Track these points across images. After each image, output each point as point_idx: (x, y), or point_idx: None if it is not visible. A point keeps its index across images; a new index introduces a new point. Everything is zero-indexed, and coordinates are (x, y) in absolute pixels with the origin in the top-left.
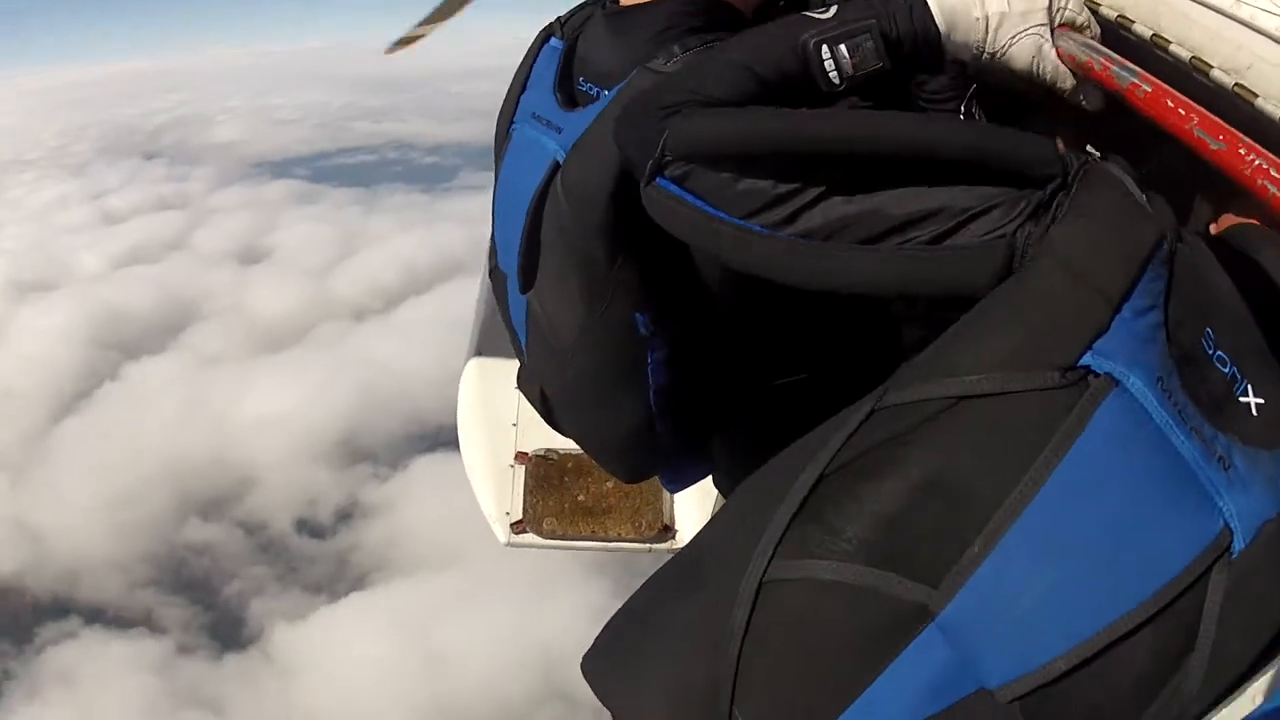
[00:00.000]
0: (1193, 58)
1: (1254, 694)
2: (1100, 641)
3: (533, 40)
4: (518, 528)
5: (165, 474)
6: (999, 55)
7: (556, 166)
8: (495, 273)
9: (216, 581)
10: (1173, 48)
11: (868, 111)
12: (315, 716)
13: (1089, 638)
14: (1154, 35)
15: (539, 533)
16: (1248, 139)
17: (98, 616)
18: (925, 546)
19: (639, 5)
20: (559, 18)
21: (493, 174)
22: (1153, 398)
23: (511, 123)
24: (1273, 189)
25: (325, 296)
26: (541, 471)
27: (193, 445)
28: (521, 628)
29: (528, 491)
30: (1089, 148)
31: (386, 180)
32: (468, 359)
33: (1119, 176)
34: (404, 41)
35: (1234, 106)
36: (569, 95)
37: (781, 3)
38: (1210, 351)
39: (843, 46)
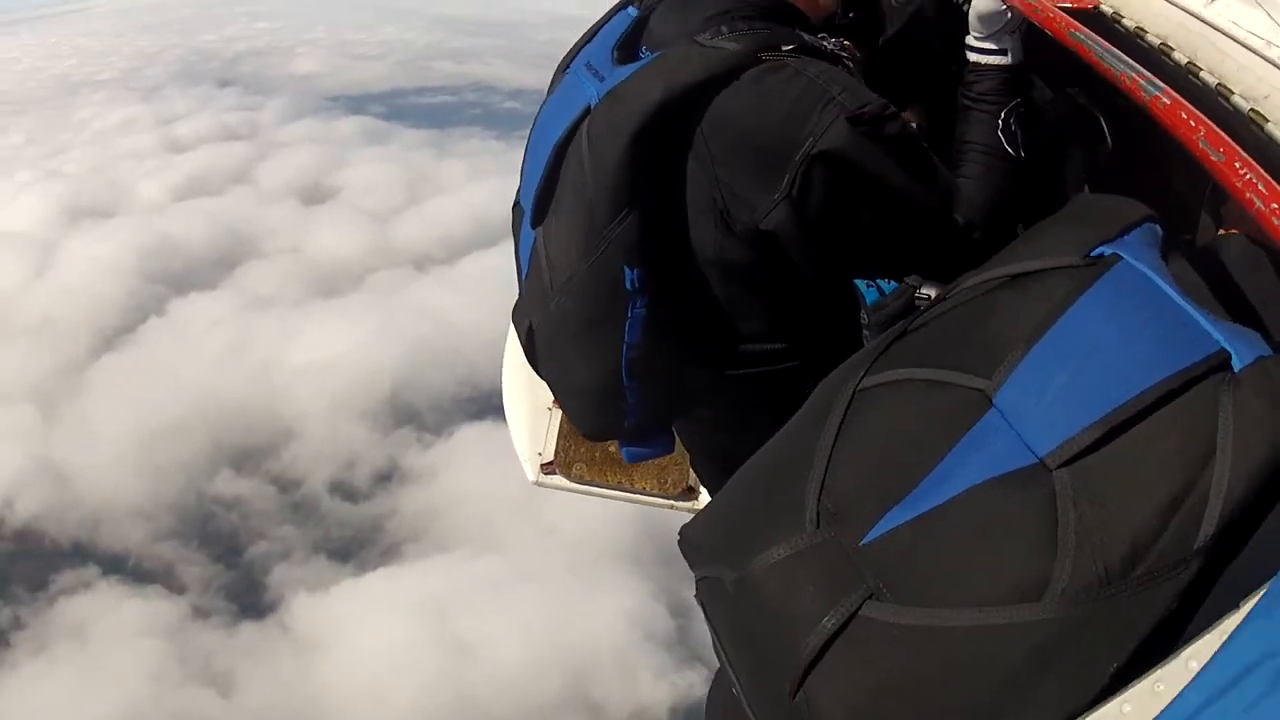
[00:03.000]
0: (1219, 85)
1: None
2: (1122, 414)
3: (613, 6)
4: (548, 468)
5: (202, 419)
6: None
7: (589, 111)
8: (516, 207)
9: (243, 539)
10: (1203, 74)
11: None
12: (326, 701)
13: (1110, 411)
14: (1189, 62)
15: (568, 476)
16: (1244, 154)
17: (117, 567)
18: (981, 352)
19: None
20: None
21: None
22: (1150, 267)
23: (567, 69)
24: (1259, 203)
25: (388, 242)
26: None
27: (233, 390)
28: (555, 626)
29: (561, 435)
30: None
31: (463, 123)
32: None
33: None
34: None
35: (1247, 129)
36: (627, 55)
37: (851, 15)
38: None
39: None
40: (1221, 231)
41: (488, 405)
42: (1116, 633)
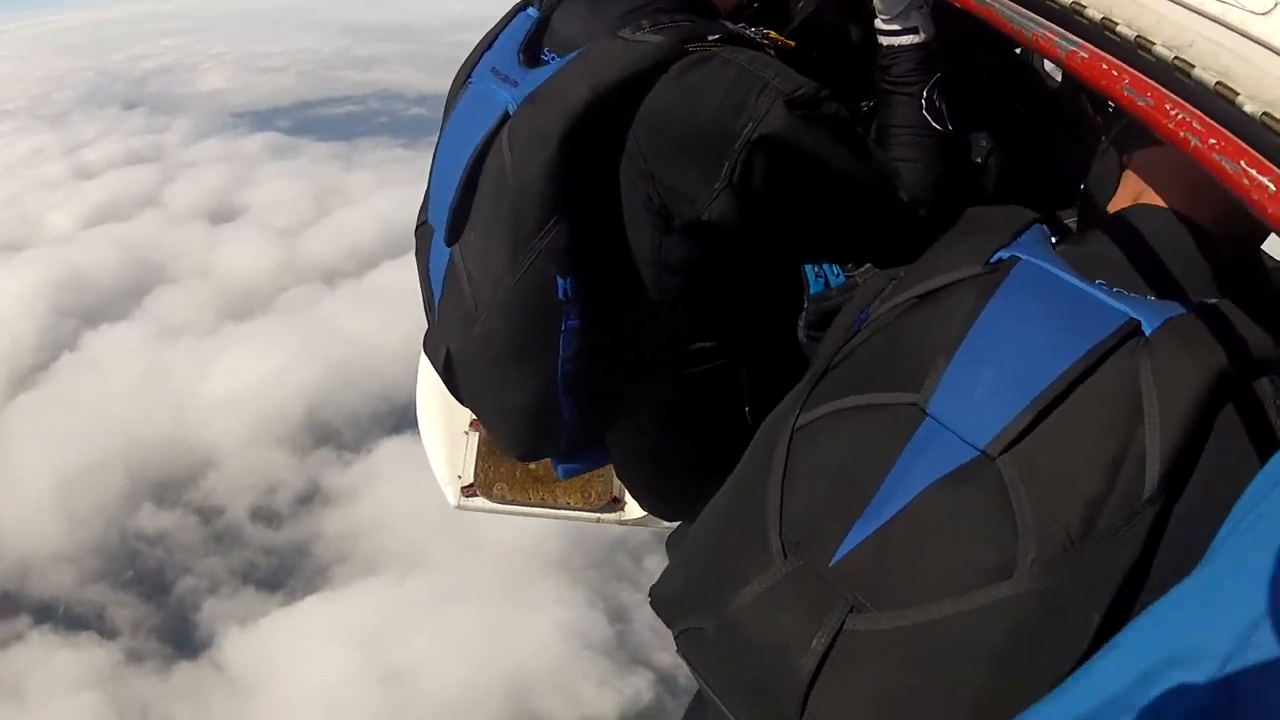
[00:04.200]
0: (1138, 36)
1: None
2: (1049, 396)
3: (509, 10)
4: (468, 491)
5: (121, 455)
6: None
7: (506, 118)
8: (422, 227)
9: (169, 575)
10: (1120, 28)
11: None
12: None
13: (1036, 395)
14: (1104, 18)
15: (489, 497)
16: (1173, 96)
17: (47, 615)
18: (906, 371)
19: None
20: None
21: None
22: (1047, 260)
23: (468, 79)
24: (1194, 140)
25: (297, 259)
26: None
27: (150, 423)
28: (492, 644)
29: (480, 457)
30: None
31: (369, 133)
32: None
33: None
34: None
35: (1170, 77)
36: (533, 58)
37: (756, 4)
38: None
39: None
40: (1140, 203)
41: (404, 419)
42: (1093, 586)
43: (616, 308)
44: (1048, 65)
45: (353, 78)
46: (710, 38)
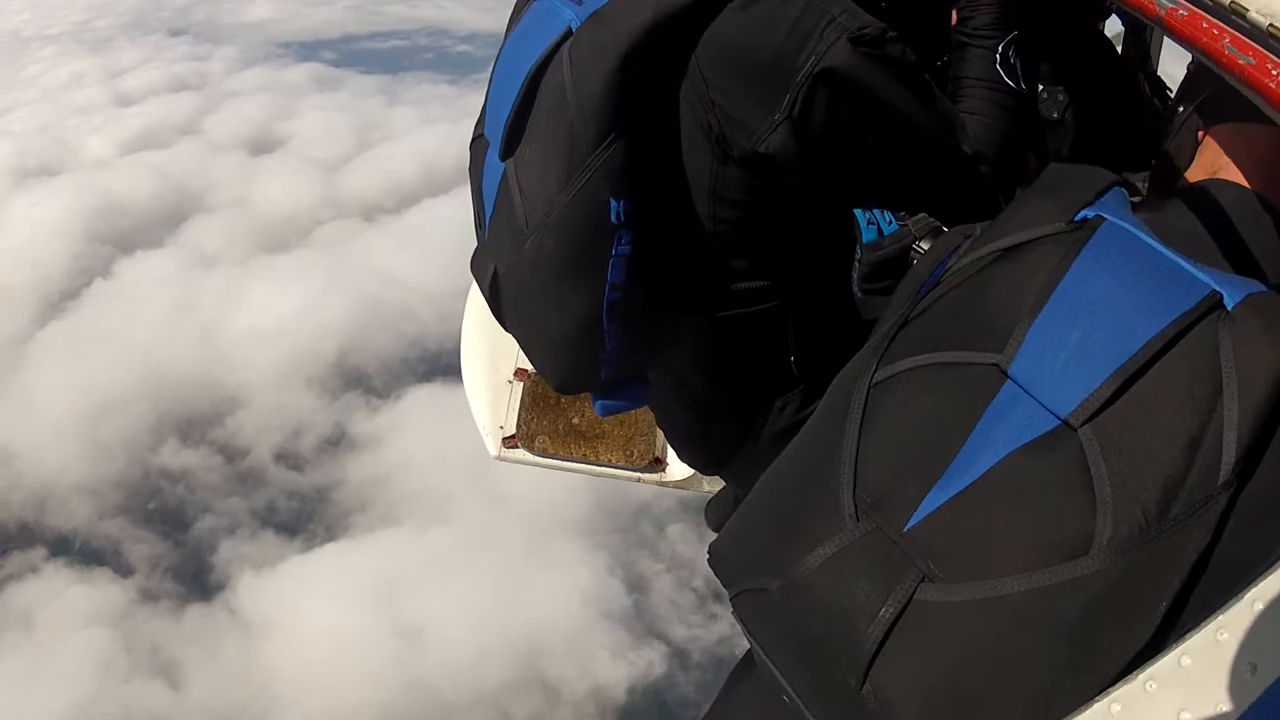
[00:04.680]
0: (1232, 3)
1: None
2: (1132, 366)
3: None
4: (509, 442)
5: (148, 388)
6: None
7: (568, 34)
8: (478, 140)
9: (189, 514)
10: None
11: None
12: (274, 690)
13: (1120, 365)
14: None
15: (530, 449)
16: (1275, 56)
17: (64, 548)
18: (987, 328)
19: None
20: None
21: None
22: (1131, 224)
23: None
24: None
25: (336, 193)
26: (539, 390)
27: (179, 357)
28: (508, 604)
29: (523, 408)
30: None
31: (414, 68)
32: None
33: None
34: None
35: (1268, 43)
36: None
37: None
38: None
39: None
40: (1213, 176)
41: (436, 366)
42: (1163, 572)
43: (669, 236)
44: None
45: (400, 12)
46: None
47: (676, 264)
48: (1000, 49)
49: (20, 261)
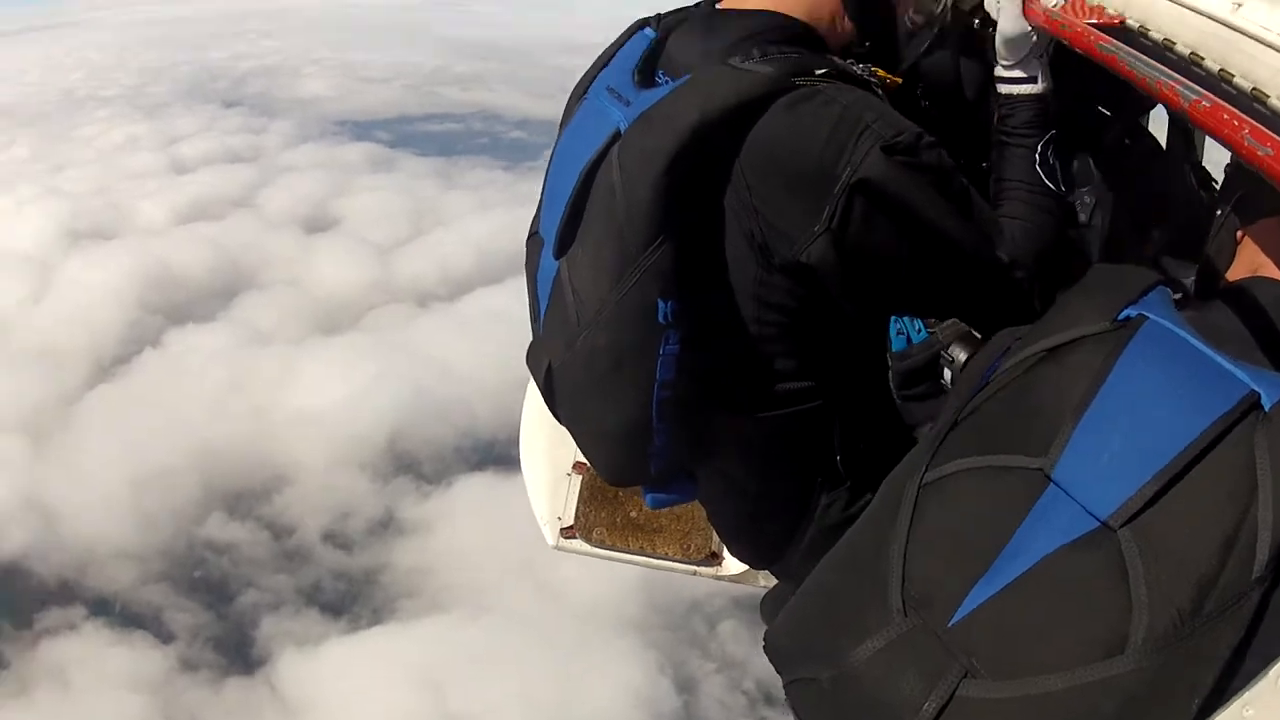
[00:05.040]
0: (1254, 89)
1: None
2: (1172, 470)
3: (628, 27)
4: (567, 533)
5: (196, 459)
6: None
7: (617, 136)
8: (533, 238)
9: (233, 587)
10: (1236, 80)
11: None
12: None
13: (1161, 468)
14: (1221, 70)
15: (588, 540)
16: None
17: (103, 609)
18: (1033, 432)
19: (736, 11)
20: (658, 14)
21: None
22: (1173, 322)
23: (584, 94)
24: None
25: (389, 276)
26: (598, 483)
27: (228, 430)
28: (554, 701)
29: (582, 500)
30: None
31: (469, 152)
32: None
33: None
34: None
35: None
36: (647, 79)
37: (867, 44)
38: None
39: None
40: (1253, 274)
41: (488, 455)
42: (1196, 669)
43: (716, 336)
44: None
45: (454, 95)
46: (817, 72)
47: (723, 363)
48: (1039, 148)
49: (72, 323)
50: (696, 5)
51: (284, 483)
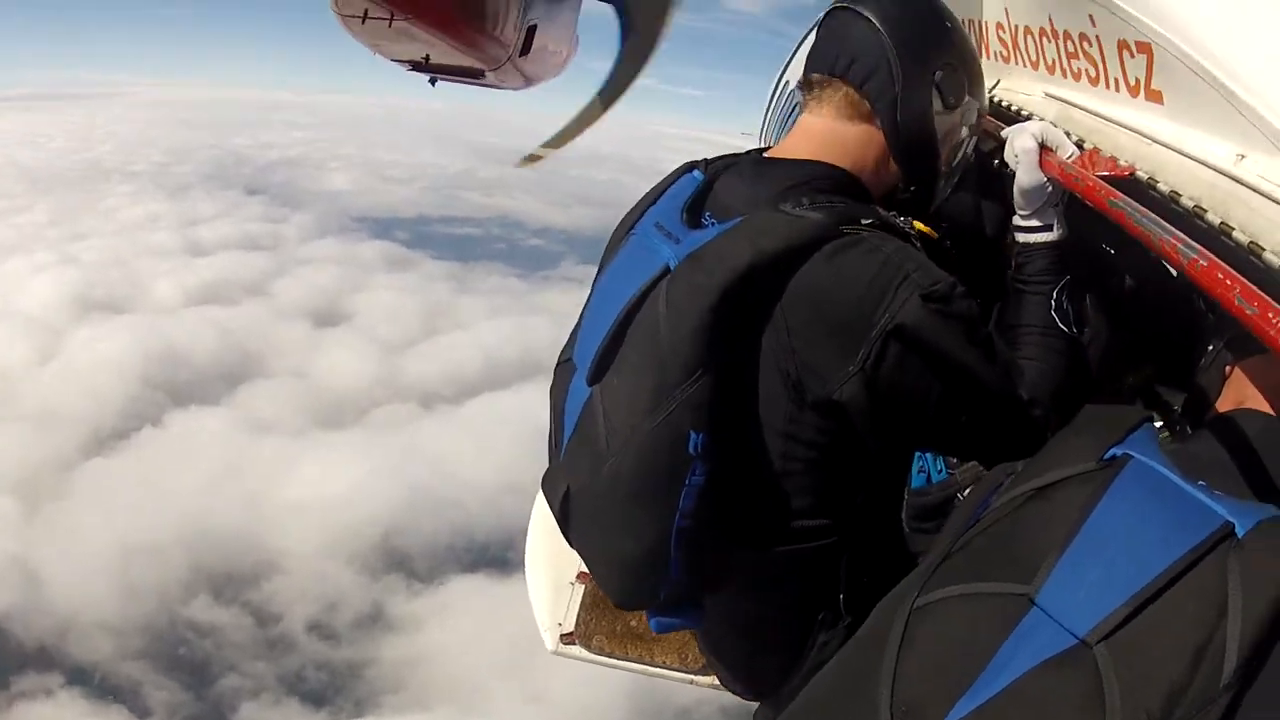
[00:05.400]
0: (1250, 243)
1: None
2: (1147, 593)
3: (675, 169)
4: (567, 639)
5: (185, 540)
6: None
7: (666, 271)
8: (565, 364)
9: (214, 670)
10: (1235, 233)
11: None
12: None
13: (1138, 590)
14: (1222, 223)
15: (588, 647)
16: (1276, 305)
17: (81, 679)
18: (1020, 563)
19: (785, 160)
20: (706, 158)
21: (595, 270)
22: (1156, 461)
23: (632, 228)
24: None
25: (396, 375)
26: (600, 593)
27: (221, 513)
28: None
29: (583, 608)
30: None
31: (485, 258)
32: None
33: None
34: (530, 159)
35: (1277, 285)
36: (694, 219)
37: (909, 191)
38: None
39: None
40: (1239, 406)
41: (481, 557)
42: None
43: (741, 471)
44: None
45: (475, 199)
46: (863, 221)
47: (745, 498)
48: (1055, 295)
49: (75, 391)
50: (747, 152)
51: (273, 570)
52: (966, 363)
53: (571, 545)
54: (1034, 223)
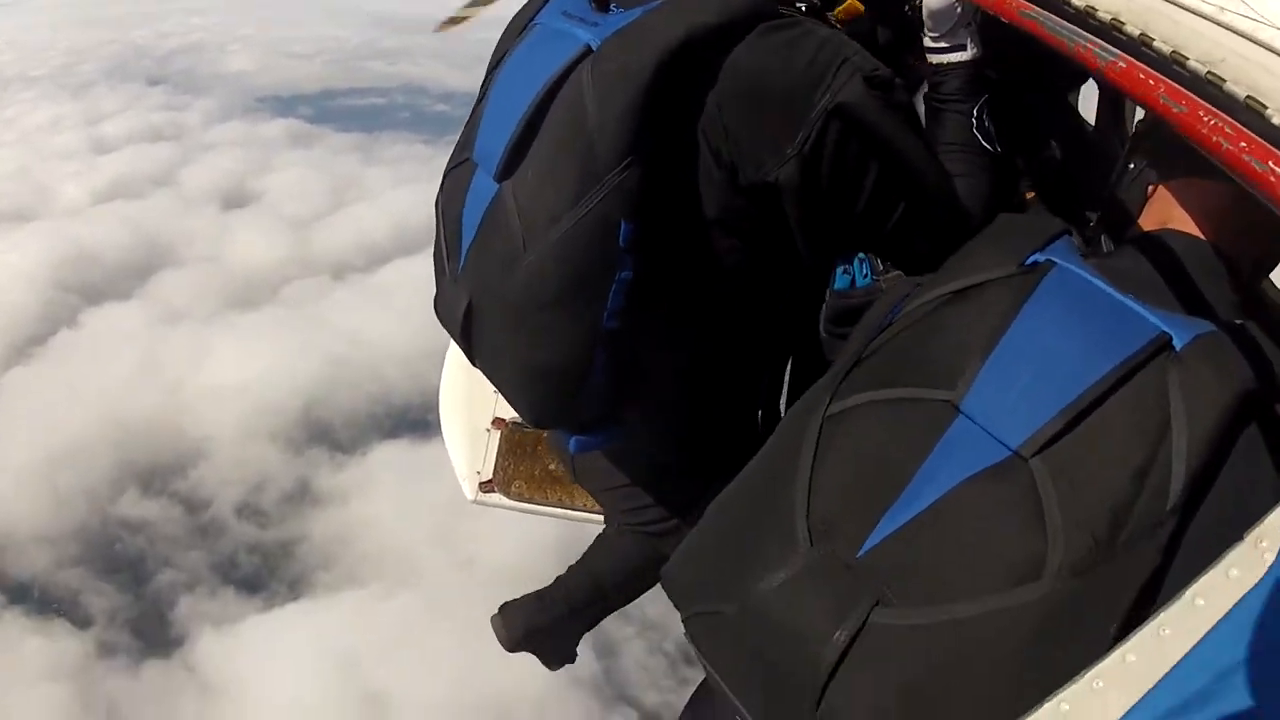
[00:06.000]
0: (1173, 51)
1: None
2: (1082, 403)
3: None
4: (486, 487)
5: (110, 437)
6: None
7: (587, 52)
8: (461, 166)
9: (150, 566)
10: (1156, 44)
11: None
12: None
13: (1071, 401)
14: (1141, 34)
15: (507, 494)
16: (1205, 103)
17: (20, 596)
18: (940, 367)
19: None
20: None
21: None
22: (1081, 269)
23: (531, 21)
24: (1226, 144)
25: (306, 250)
26: (516, 438)
27: (142, 408)
28: (473, 671)
29: (500, 455)
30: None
31: (391, 127)
32: None
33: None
34: (451, 21)
35: (1204, 89)
36: (602, 6)
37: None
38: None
39: None
40: (1163, 227)
41: (402, 422)
42: (1113, 595)
43: (671, 266)
44: (1082, 108)
45: (379, 69)
46: (799, 4)
47: (673, 295)
48: (974, 113)
49: None
50: None
51: (198, 457)
52: (906, 150)
53: (477, 365)
54: (945, 44)
